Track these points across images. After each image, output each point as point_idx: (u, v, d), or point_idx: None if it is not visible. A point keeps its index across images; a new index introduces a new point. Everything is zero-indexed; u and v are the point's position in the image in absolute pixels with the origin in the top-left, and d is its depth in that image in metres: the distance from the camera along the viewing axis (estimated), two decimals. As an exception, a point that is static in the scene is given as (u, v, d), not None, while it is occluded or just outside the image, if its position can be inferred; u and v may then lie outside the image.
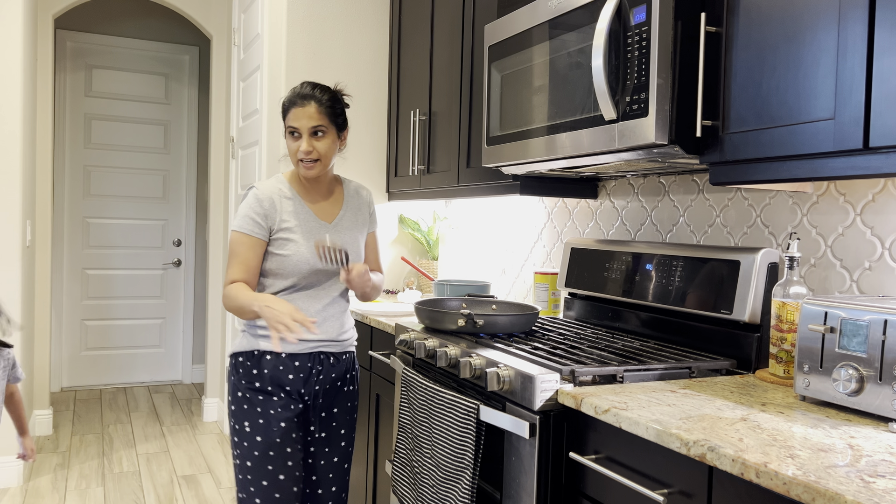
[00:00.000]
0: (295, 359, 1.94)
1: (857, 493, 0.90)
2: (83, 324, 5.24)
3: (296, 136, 1.90)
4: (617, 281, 2.09)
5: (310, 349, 1.95)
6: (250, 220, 1.90)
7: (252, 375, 1.92)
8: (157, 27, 5.35)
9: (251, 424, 1.90)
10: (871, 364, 1.26)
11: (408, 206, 3.43)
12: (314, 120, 1.88)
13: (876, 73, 1.19)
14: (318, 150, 1.90)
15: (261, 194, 1.92)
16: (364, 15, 3.28)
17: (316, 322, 1.93)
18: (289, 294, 1.94)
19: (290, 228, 1.92)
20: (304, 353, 1.94)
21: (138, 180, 5.35)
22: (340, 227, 2.00)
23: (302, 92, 1.90)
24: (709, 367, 1.66)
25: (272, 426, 1.90)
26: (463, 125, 2.60)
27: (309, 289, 1.96)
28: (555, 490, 1.49)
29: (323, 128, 1.90)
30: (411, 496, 1.84)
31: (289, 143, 1.92)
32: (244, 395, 1.92)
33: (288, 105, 1.91)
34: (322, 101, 1.89)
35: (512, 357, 1.66)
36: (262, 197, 1.92)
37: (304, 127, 1.88)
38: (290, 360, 1.93)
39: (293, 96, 1.91)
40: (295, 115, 1.89)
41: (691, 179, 2.04)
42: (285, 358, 1.93)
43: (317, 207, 1.99)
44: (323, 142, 1.90)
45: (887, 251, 1.54)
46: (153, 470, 3.65)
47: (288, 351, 1.92)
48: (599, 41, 1.58)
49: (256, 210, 1.91)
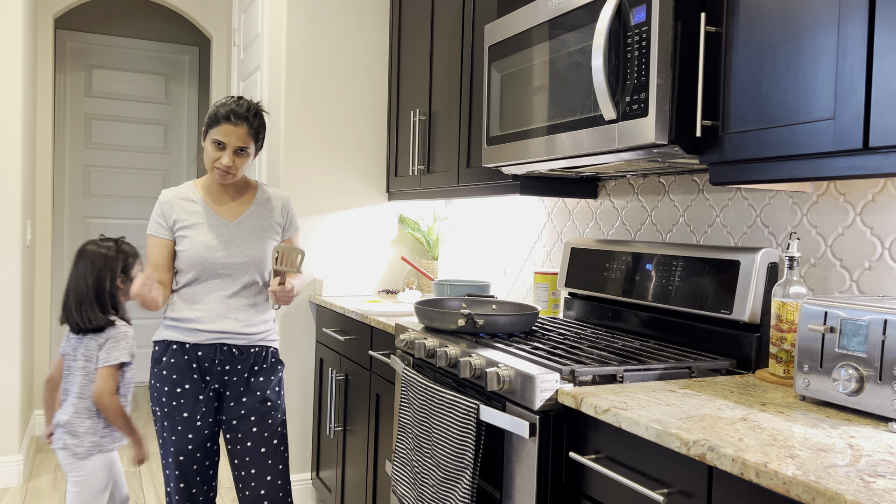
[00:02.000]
0: (198, 349, 2.09)
1: (856, 492, 0.90)
2: (83, 324, 5.23)
3: (219, 148, 2.04)
4: (617, 281, 2.09)
5: (211, 340, 2.10)
6: (154, 223, 2.11)
7: (161, 363, 2.09)
8: (157, 27, 5.35)
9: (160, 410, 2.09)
10: (870, 364, 1.26)
11: (408, 206, 3.43)
12: (241, 141, 2.05)
13: (876, 73, 1.19)
14: (237, 165, 2.07)
15: (162, 198, 2.13)
16: (364, 15, 3.28)
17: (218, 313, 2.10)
18: (193, 286, 2.11)
19: (188, 226, 2.10)
20: (205, 344, 2.10)
21: (138, 180, 5.35)
22: (243, 226, 2.14)
23: (238, 111, 2.03)
24: (709, 367, 1.66)
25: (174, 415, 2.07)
26: (463, 125, 2.60)
27: (210, 280, 2.11)
28: (555, 490, 1.49)
29: (248, 149, 2.07)
30: (411, 496, 1.85)
31: (210, 150, 2.06)
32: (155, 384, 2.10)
33: (220, 119, 2.03)
34: (253, 125, 2.07)
35: (512, 357, 1.66)
36: (162, 200, 2.12)
37: (232, 144, 2.04)
38: (193, 350, 2.09)
39: (227, 112, 2.03)
40: (225, 131, 2.03)
41: (691, 179, 2.04)
42: (189, 348, 2.09)
43: (221, 209, 2.15)
44: (243, 159, 2.08)
45: (887, 251, 1.54)
46: (153, 470, 3.65)
47: (191, 341, 2.09)
48: (599, 41, 1.58)
49: (157, 213, 2.11)
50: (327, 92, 3.21)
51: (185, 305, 2.11)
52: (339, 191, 3.26)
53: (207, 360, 2.10)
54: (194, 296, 2.11)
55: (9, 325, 3.37)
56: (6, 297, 3.36)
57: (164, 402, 2.08)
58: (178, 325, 2.10)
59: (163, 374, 2.09)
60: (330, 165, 3.24)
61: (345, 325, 2.85)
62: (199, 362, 2.09)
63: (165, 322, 2.13)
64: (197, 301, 2.10)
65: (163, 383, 2.08)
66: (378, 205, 3.35)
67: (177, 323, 2.10)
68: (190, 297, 2.11)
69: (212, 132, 2.04)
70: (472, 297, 2.25)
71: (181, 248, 2.09)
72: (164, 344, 2.11)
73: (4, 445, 3.38)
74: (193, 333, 2.09)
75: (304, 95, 3.16)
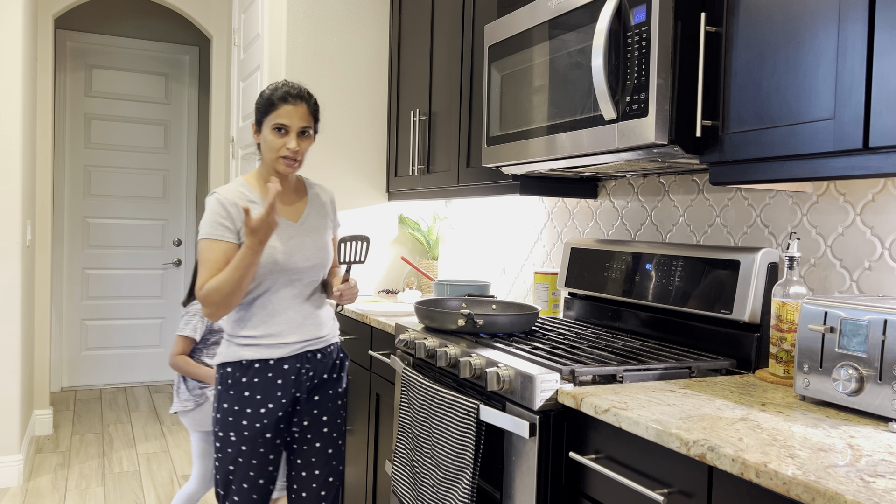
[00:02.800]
0: (283, 363, 1.92)
1: (856, 492, 0.90)
2: (83, 324, 5.24)
3: (282, 133, 1.88)
4: (617, 281, 2.09)
5: (296, 351, 1.94)
6: (218, 226, 1.85)
7: (241, 385, 1.89)
8: (157, 27, 5.35)
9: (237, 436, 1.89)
10: (870, 364, 1.26)
11: (408, 206, 3.43)
12: (304, 120, 1.90)
13: (876, 73, 1.19)
14: (303, 150, 1.91)
15: (223, 198, 1.88)
16: (364, 15, 3.28)
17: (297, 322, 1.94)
18: (266, 297, 1.91)
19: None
20: (291, 356, 1.93)
21: (138, 180, 5.35)
22: (307, 227, 1.99)
23: (293, 91, 1.89)
24: (709, 367, 1.66)
25: (257, 437, 1.89)
26: (463, 125, 2.60)
27: (284, 289, 1.93)
28: (555, 490, 1.49)
29: (310, 129, 1.93)
30: (411, 496, 1.85)
31: (272, 139, 1.89)
32: (231, 407, 1.89)
33: (277, 101, 1.88)
34: (310, 103, 1.93)
35: (512, 357, 1.66)
36: (225, 201, 1.87)
37: (295, 126, 1.88)
38: (278, 366, 1.92)
39: (283, 94, 1.88)
40: (286, 113, 1.87)
41: (691, 179, 2.04)
42: (274, 364, 1.91)
43: (284, 209, 1.98)
44: (306, 142, 1.92)
45: (887, 251, 1.54)
46: (153, 470, 3.65)
47: (276, 356, 1.91)
48: (599, 41, 1.58)
49: (222, 214, 1.86)
50: (327, 92, 3.21)
51: (263, 319, 1.91)
52: (340, 191, 3.26)
53: (294, 372, 1.93)
54: (271, 307, 1.92)
55: (9, 325, 3.37)
56: (6, 297, 3.36)
57: (246, 426, 1.88)
58: (259, 342, 1.90)
59: (244, 397, 1.88)
60: (330, 165, 3.24)
61: (345, 324, 2.85)
62: (286, 377, 1.92)
63: (238, 341, 1.91)
64: (275, 313, 1.92)
65: (244, 406, 1.88)
66: (378, 205, 3.35)
67: (256, 340, 1.90)
68: (266, 309, 1.92)
69: (269, 119, 1.88)
70: (472, 297, 2.25)
71: None
72: (241, 365, 1.90)
73: (4, 445, 3.38)
74: (278, 348, 1.91)
75: (304, 95, 3.16)
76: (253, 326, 1.91)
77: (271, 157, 1.91)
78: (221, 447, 1.91)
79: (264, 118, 1.90)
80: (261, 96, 1.92)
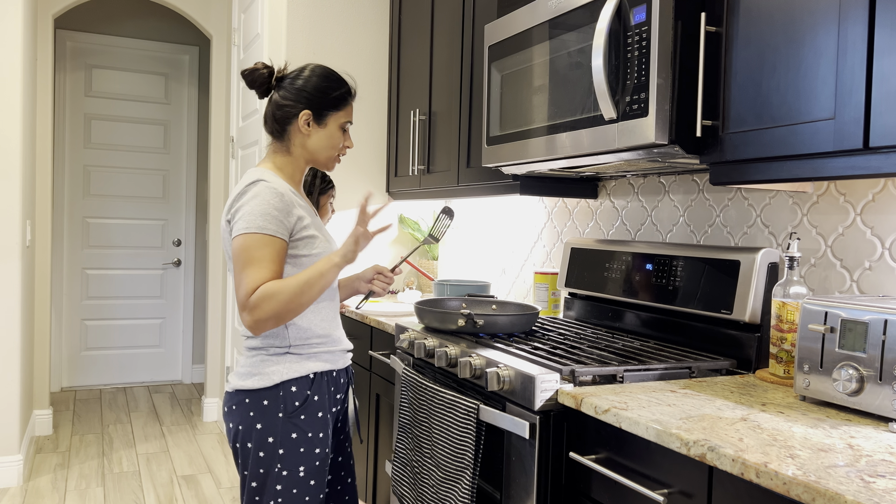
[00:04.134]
0: (340, 375, 1.73)
1: (857, 493, 0.90)
2: (83, 324, 5.24)
3: (344, 131, 1.72)
4: (617, 281, 2.09)
5: (348, 361, 1.77)
6: (271, 218, 1.55)
7: (306, 405, 1.62)
8: (157, 27, 5.35)
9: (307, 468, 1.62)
10: (871, 364, 1.26)
11: (408, 206, 3.43)
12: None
13: (876, 73, 1.19)
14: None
15: (279, 188, 1.59)
16: (364, 15, 3.28)
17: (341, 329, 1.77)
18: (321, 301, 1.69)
19: (308, 225, 1.65)
20: (343, 369, 1.75)
21: (138, 180, 5.35)
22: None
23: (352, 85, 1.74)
24: (709, 367, 1.66)
25: (322, 465, 1.65)
26: (463, 125, 2.60)
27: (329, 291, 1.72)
28: (555, 490, 1.49)
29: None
30: (411, 496, 1.84)
31: (337, 136, 1.71)
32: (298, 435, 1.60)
33: (346, 98, 1.71)
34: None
35: (512, 357, 1.66)
36: (281, 191, 1.59)
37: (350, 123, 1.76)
38: (338, 377, 1.72)
39: (350, 88, 1.72)
40: (351, 110, 1.73)
41: (691, 179, 2.04)
42: (336, 375, 1.71)
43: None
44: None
45: (887, 251, 1.54)
46: (153, 470, 3.65)
47: (338, 367, 1.71)
48: (599, 41, 1.58)
49: (277, 206, 1.57)
50: (327, 92, 3.21)
51: (323, 326, 1.68)
52: (339, 191, 3.26)
53: (344, 384, 1.76)
54: (326, 312, 1.70)
55: (9, 325, 3.37)
56: (6, 297, 3.36)
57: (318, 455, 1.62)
58: (326, 348, 1.68)
59: (317, 418, 1.62)
60: (330, 165, 3.24)
61: (344, 325, 2.85)
62: (339, 390, 1.72)
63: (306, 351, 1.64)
64: (330, 318, 1.71)
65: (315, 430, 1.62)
66: (378, 204, 3.35)
67: (323, 347, 1.68)
68: (323, 314, 1.69)
69: (337, 115, 1.69)
70: (472, 297, 2.25)
71: (307, 254, 1.63)
72: (307, 380, 1.63)
73: (4, 445, 3.38)
74: (340, 357, 1.72)
75: (304, 95, 3.16)
76: (316, 333, 1.67)
77: (328, 153, 1.71)
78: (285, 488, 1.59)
79: (333, 112, 1.69)
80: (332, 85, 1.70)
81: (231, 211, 1.61)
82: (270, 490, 1.59)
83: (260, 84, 1.71)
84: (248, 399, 1.60)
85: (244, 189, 1.60)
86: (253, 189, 1.59)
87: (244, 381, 1.62)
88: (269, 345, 1.63)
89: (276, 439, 1.59)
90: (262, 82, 1.71)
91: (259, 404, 1.59)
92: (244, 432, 1.60)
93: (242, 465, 1.63)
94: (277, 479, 1.59)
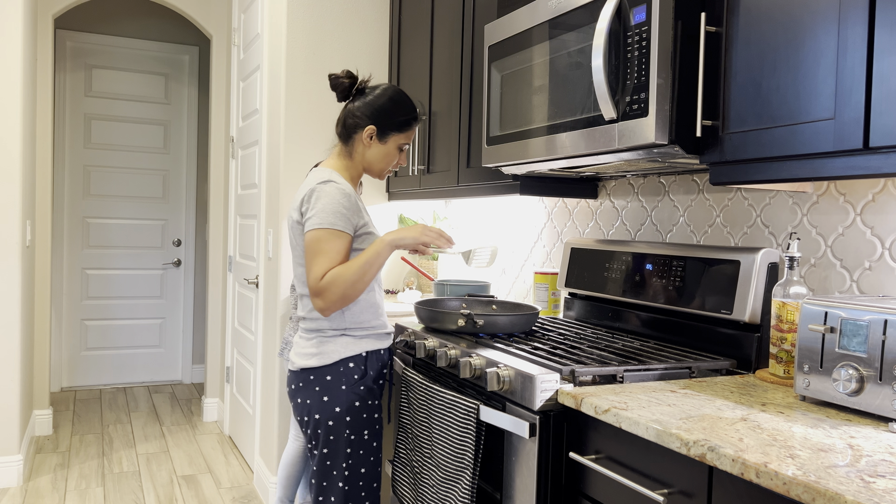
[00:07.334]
0: (385, 353, 1.94)
1: (857, 493, 0.90)
2: (83, 324, 5.24)
3: (401, 150, 1.94)
4: (617, 281, 2.09)
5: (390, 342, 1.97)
6: (341, 217, 1.78)
7: (364, 378, 1.86)
8: (157, 27, 5.35)
9: (369, 431, 1.86)
10: (871, 364, 1.26)
11: (408, 206, 3.43)
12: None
13: (876, 73, 1.19)
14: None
15: (346, 188, 1.82)
16: (364, 15, 3.28)
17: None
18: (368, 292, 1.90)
19: (367, 223, 1.88)
20: (387, 348, 1.95)
21: (138, 180, 5.35)
22: None
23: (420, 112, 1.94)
24: (709, 367, 1.66)
25: (380, 428, 1.90)
26: (463, 125, 2.60)
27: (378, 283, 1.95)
28: (555, 490, 1.49)
29: None
30: (411, 496, 1.84)
31: (393, 154, 1.93)
32: (360, 404, 1.84)
33: (411, 122, 1.93)
34: None
35: (512, 357, 1.66)
36: (348, 192, 1.82)
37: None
38: (384, 355, 1.93)
39: (417, 114, 1.94)
40: (413, 133, 1.94)
41: (691, 179, 2.04)
42: (382, 354, 1.92)
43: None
44: None
45: (887, 251, 1.54)
46: (153, 470, 3.65)
47: (385, 346, 1.93)
48: (599, 41, 1.58)
49: (346, 206, 1.79)
50: (327, 92, 3.21)
51: (375, 311, 1.91)
52: (339, 191, 3.26)
53: (388, 361, 1.96)
54: (376, 299, 1.93)
55: (8, 325, 3.37)
56: (6, 297, 3.36)
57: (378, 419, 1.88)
58: (375, 331, 1.91)
59: (371, 389, 1.87)
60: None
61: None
62: (384, 366, 1.93)
63: (359, 333, 1.87)
64: (379, 304, 1.94)
65: (371, 397, 1.87)
66: (378, 204, 3.35)
67: (373, 330, 1.90)
68: (374, 301, 1.92)
69: (398, 136, 1.92)
70: (472, 297, 2.25)
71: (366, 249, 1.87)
72: (361, 357, 1.87)
73: (4, 445, 3.38)
74: (386, 339, 1.94)
75: (304, 95, 3.16)
76: (371, 317, 1.90)
77: (381, 167, 1.94)
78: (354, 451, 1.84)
79: (396, 132, 1.91)
80: (401, 109, 1.91)
81: (302, 208, 1.83)
82: (342, 453, 1.82)
83: (341, 90, 1.93)
84: (312, 376, 1.84)
85: (316, 187, 1.81)
86: (324, 188, 1.80)
87: (307, 361, 1.85)
88: (327, 327, 1.86)
89: (343, 408, 1.82)
90: (343, 89, 1.92)
91: (323, 380, 1.83)
92: (312, 405, 1.83)
93: (312, 434, 1.85)
94: (347, 443, 1.82)
